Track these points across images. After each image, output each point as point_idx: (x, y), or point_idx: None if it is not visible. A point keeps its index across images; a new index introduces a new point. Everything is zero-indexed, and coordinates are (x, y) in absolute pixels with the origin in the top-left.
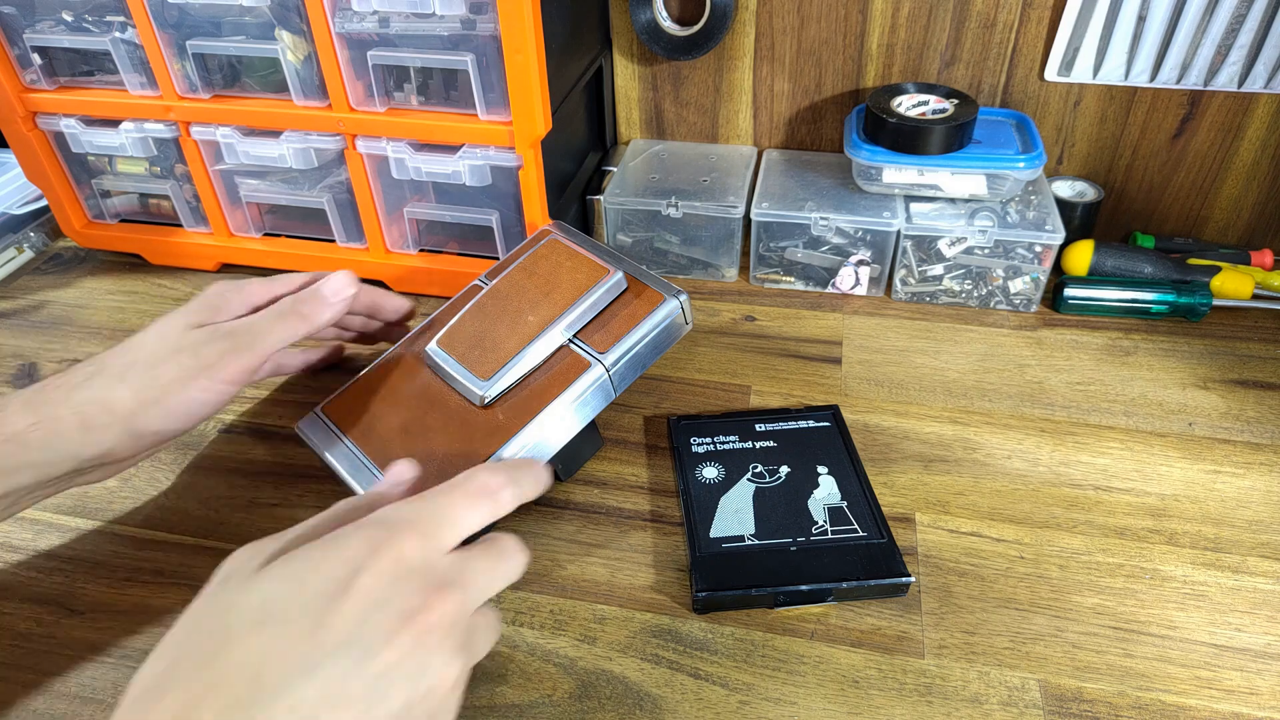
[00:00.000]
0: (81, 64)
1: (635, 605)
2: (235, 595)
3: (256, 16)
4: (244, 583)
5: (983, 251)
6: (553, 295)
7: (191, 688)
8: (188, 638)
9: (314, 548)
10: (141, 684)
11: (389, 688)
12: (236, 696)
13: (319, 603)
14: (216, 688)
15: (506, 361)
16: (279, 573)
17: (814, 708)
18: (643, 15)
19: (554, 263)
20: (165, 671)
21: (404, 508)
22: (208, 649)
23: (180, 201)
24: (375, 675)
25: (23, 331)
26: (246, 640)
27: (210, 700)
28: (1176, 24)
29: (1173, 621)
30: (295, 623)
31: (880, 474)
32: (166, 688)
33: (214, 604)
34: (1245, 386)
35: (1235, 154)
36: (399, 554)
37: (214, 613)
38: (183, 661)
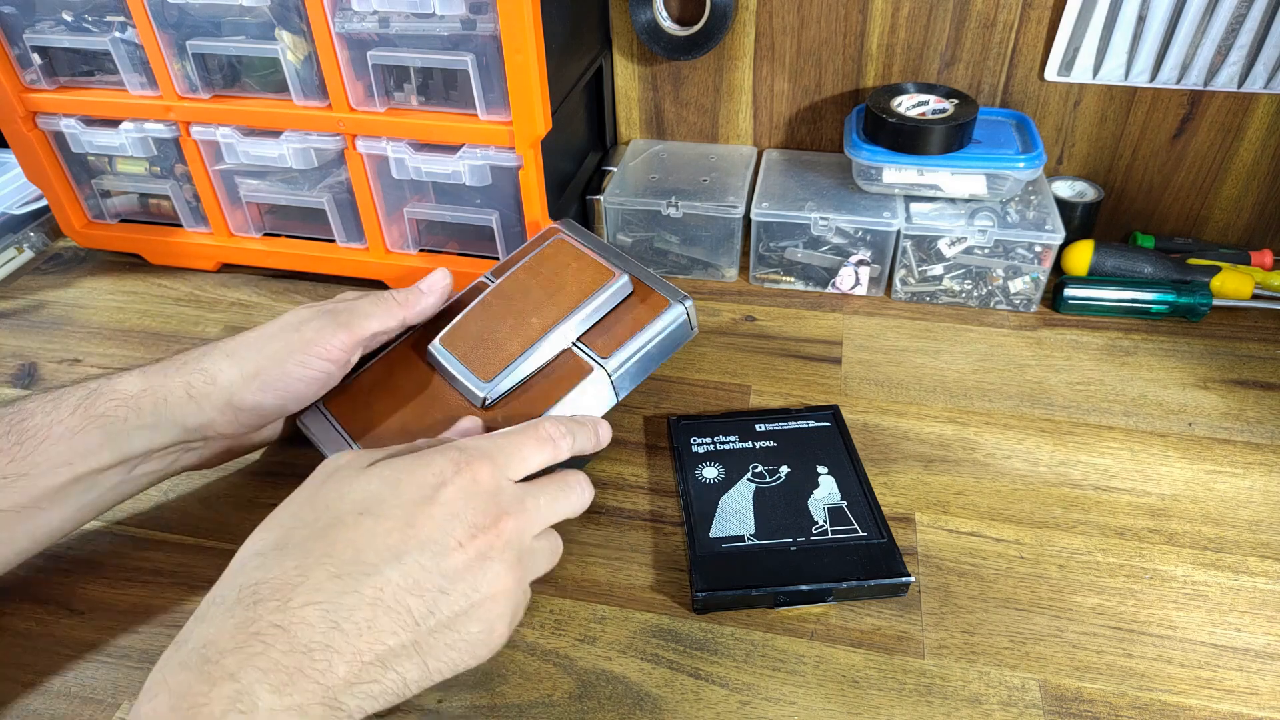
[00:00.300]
0: (81, 64)
1: (635, 605)
2: (344, 485)
3: (256, 16)
4: (351, 477)
5: (983, 251)
6: (557, 297)
7: (308, 552)
8: (301, 513)
9: (410, 459)
10: (256, 548)
11: (452, 585)
12: (341, 566)
13: (410, 504)
14: (328, 556)
15: (509, 364)
16: (381, 474)
17: (814, 708)
18: (643, 15)
19: (560, 263)
20: (281, 538)
21: (481, 441)
22: (320, 525)
23: (180, 201)
24: (444, 573)
25: (23, 331)
26: (351, 524)
27: (322, 565)
28: (1176, 24)
29: (1173, 621)
30: (391, 517)
31: (880, 474)
32: (286, 550)
33: (323, 490)
34: (1245, 386)
35: (1235, 154)
36: (475, 475)
37: (324, 497)
38: (298, 530)
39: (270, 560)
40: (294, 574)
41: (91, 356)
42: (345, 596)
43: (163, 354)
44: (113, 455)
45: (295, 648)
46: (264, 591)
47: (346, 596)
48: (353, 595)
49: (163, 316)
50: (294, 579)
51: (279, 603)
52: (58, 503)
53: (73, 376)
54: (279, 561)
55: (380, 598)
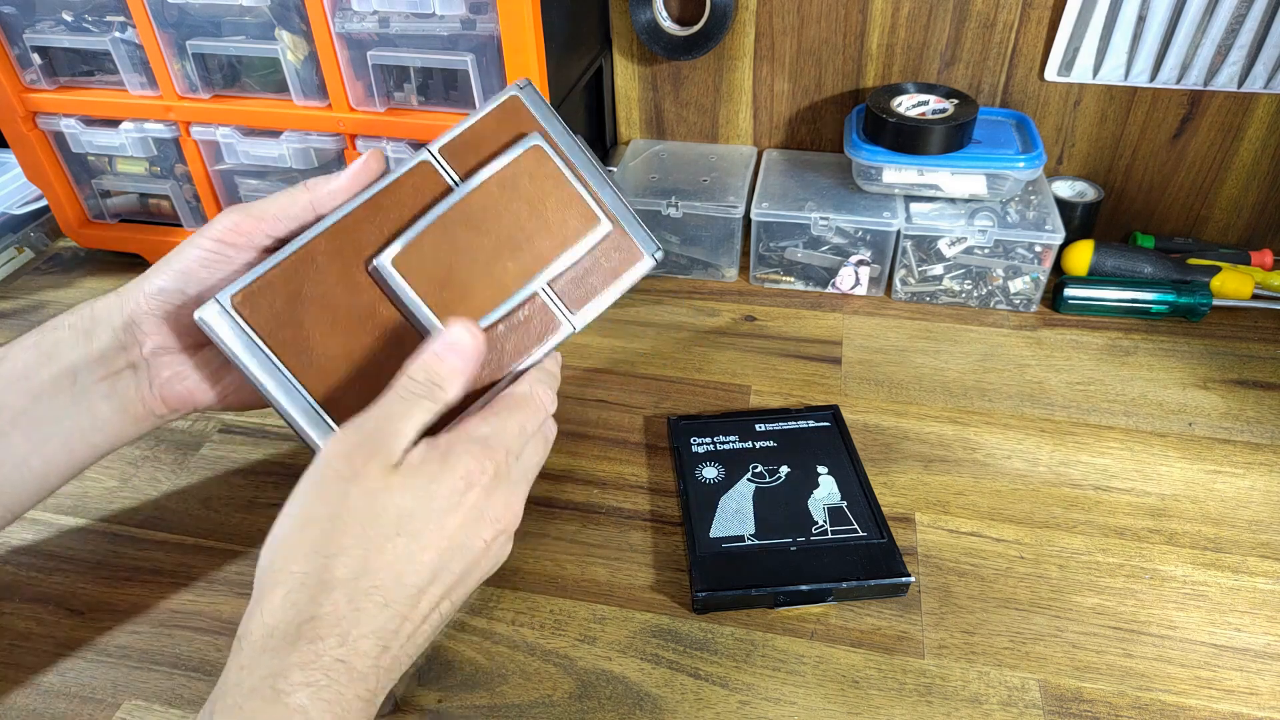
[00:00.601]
0: (81, 64)
1: (635, 605)
2: (375, 502)
3: (256, 16)
4: (379, 489)
5: (983, 251)
6: (535, 240)
7: (356, 586)
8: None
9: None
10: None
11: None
12: (388, 594)
13: (441, 516)
14: (374, 588)
15: (480, 318)
16: (410, 486)
17: (814, 708)
18: (643, 15)
19: (540, 189)
20: (322, 569)
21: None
22: (359, 553)
23: (180, 201)
24: (467, 568)
25: (23, 331)
26: (390, 549)
27: (370, 596)
28: (1176, 24)
29: (1173, 621)
30: (427, 535)
31: (880, 474)
32: (332, 586)
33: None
34: (1245, 386)
35: (1235, 154)
36: (497, 471)
37: (356, 517)
38: (340, 560)
39: (321, 594)
40: (346, 609)
41: None
42: (396, 623)
43: None
44: (53, 368)
45: (354, 677)
46: (322, 629)
47: (397, 623)
48: (401, 622)
49: None
50: (347, 614)
51: (338, 639)
52: (21, 426)
53: None
54: (329, 595)
55: (426, 615)
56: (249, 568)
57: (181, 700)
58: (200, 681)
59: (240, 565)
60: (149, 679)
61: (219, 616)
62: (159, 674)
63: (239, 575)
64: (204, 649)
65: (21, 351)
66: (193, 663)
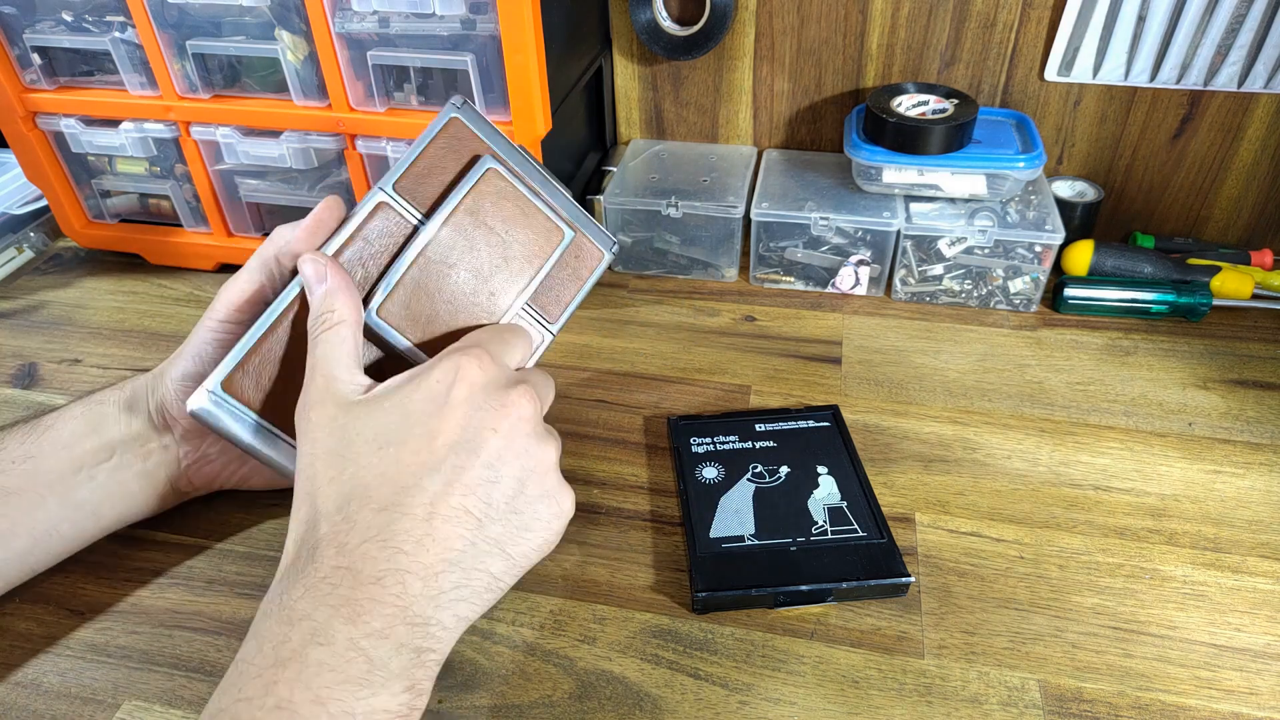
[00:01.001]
0: (81, 64)
1: (635, 605)
2: (352, 429)
3: (256, 16)
4: (355, 418)
5: (983, 251)
6: (509, 263)
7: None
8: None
9: (407, 377)
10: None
11: (501, 468)
12: (383, 499)
13: (426, 418)
14: (367, 497)
15: None
16: (383, 403)
17: (814, 708)
18: (643, 15)
19: (502, 211)
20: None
21: (466, 340)
22: (347, 476)
23: (180, 201)
24: (486, 463)
25: (23, 331)
26: (376, 461)
27: (364, 506)
28: (1176, 24)
29: (1173, 621)
30: (412, 437)
31: (880, 474)
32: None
33: (332, 443)
34: (1245, 386)
35: (1235, 154)
36: (479, 366)
37: (337, 448)
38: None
39: (318, 526)
40: (341, 523)
41: (91, 356)
42: (397, 522)
43: (163, 354)
44: (95, 441)
45: (362, 581)
46: (320, 547)
47: (398, 522)
48: (403, 519)
49: (163, 316)
50: (342, 527)
51: (336, 549)
52: (58, 491)
53: (73, 376)
54: (325, 521)
55: (433, 510)
56: (250, 568)
57: (182, 701)
58: (200, 682)
59: (241, 565)
60: (149, 679)
61: (219, 617)
62: (159, 674)
63: (239, 575)
64: (204, 649)
65: (68, 420)
66: (193, 663)
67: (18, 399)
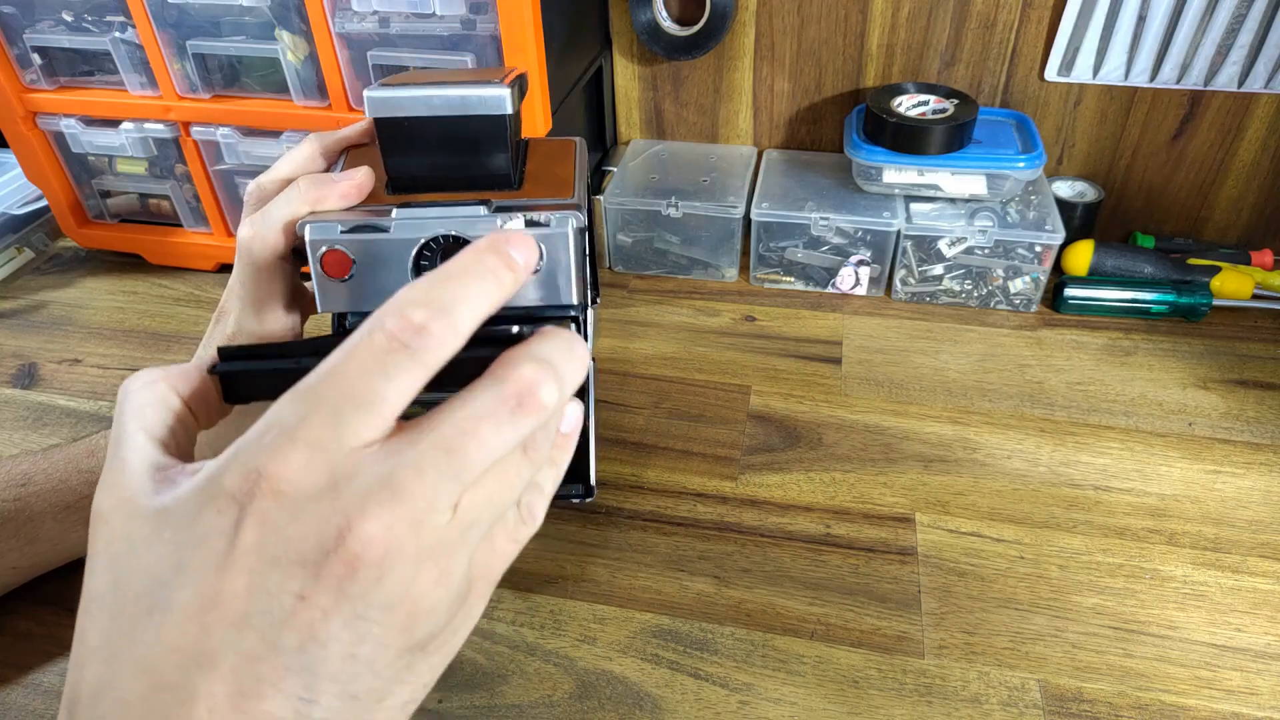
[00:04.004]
0: (81, 64)
1: (635, 605)
2: (124, 560)
3: (256, 16)
4: (131, 541)
5: (983, 251)
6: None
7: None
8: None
9: (193, 487)
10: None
11: (316, 654)
12: (140, 709)
13: (202, 573)
14: (120, 700)
15: None
16: (162, 528)
17: (814, 708)
18: (643, 15)
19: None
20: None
21: (282, 407)
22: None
23: (180, 201)
24: (295, 648)
25: (23, 331)
26: (139, 631)
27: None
28: (1176, 24)
29: (1173, 621)
30: (178, 606)
31: (880, 474)
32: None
33: (107, 571)
34: (1245, 386)
35: (1235, 154)
36: (279, 481)
37: (108, 587)
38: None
39: (68, 685)
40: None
41: (91, 356)
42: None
43: (163, 354)
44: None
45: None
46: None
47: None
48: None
49: (163, 316)
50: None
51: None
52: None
53: (73, 376)
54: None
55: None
56: None
57: None
58: None
59: None
60: None
61: None
62: None
63: None
64: None
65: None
66: None
67: (18, 399)
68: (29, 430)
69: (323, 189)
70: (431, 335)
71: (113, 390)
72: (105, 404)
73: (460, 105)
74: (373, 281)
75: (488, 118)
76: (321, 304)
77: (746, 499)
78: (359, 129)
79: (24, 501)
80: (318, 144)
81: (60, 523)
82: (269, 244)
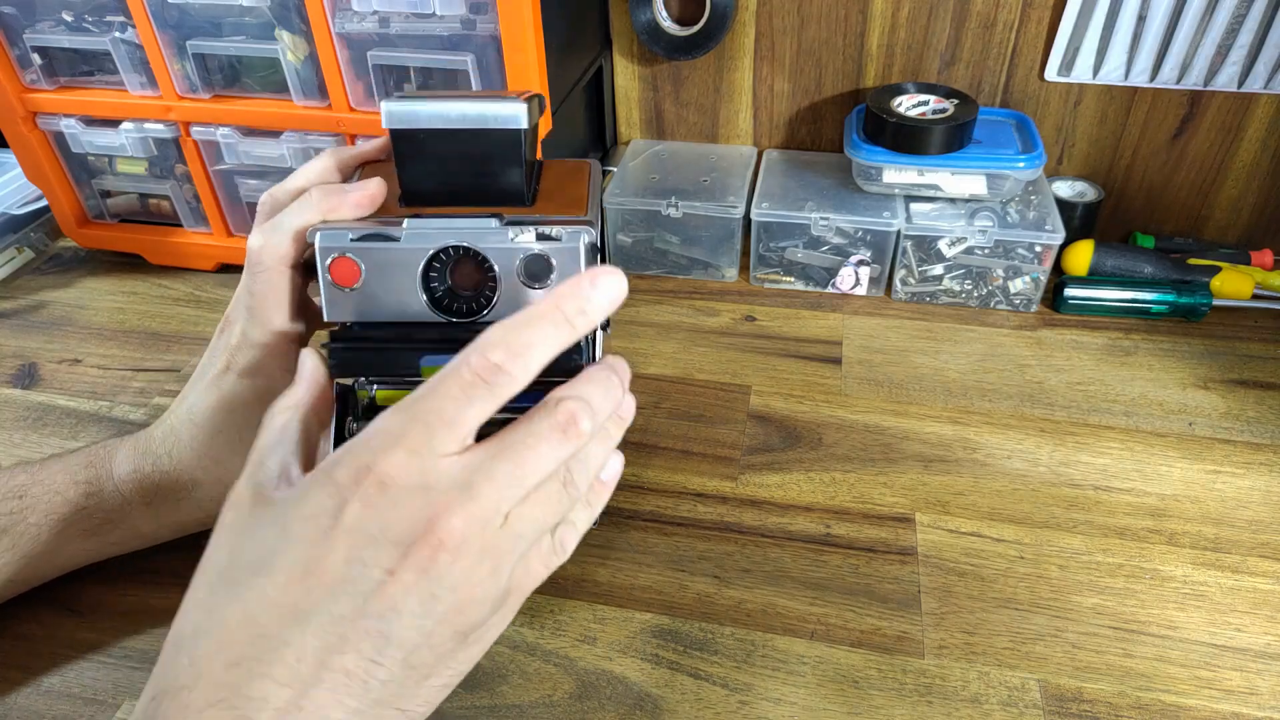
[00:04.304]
0: (81, 64)
1: (635, 605)
2: (236, 540)
3: (256, 16)
4: (243, 525)
5: (983, 251)
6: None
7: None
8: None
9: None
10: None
11: (394, 625)
12: (238, 650)
13: (305, 544)
14: (223, 642)
15: None
16: (272, 511)
17: (814, 708)
18: (643, 15)
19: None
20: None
21: (386, 419)
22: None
23: (180, 201)
24: (379, 614)
25: (23, 331)
26: (244, 591)
27: (218, 653)
28: (1176, 24)
29: (1173, 621)
30: (283, 570)
31: (880, 474)
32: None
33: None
34: (1245, 386)
35: (1235, 154)
36: (383, 475)
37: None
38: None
39: (168, 660)
40: (188, 673)
41: (91, 356)
42: (251, 685)
43: (163, 354)
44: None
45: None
46: (164, 704)
47: (253, 684)
48: (260, 680)
49: (163, 316)
50: (188, 680)
51: (179, 710)
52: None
53: (73, 376)
54: (174, 659)
55: (298, 673)
56: None
57: None
58: None
59: None
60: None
61: None
62: None
63: None
64: None
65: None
66: None
67: (18, 399)
68: (29, 430)
69: (335, 198)
70: (505, 374)
71: (113, 390)
72: (105, 404)
73: (476, 119)
74: (381, 291)
75: (503, 132)
76: (328, 312)
77: (746, 499)
78: (375, 146)
79: (19, 515)
80: (333, 159)
81: (55, 535)
82: (279, 252)
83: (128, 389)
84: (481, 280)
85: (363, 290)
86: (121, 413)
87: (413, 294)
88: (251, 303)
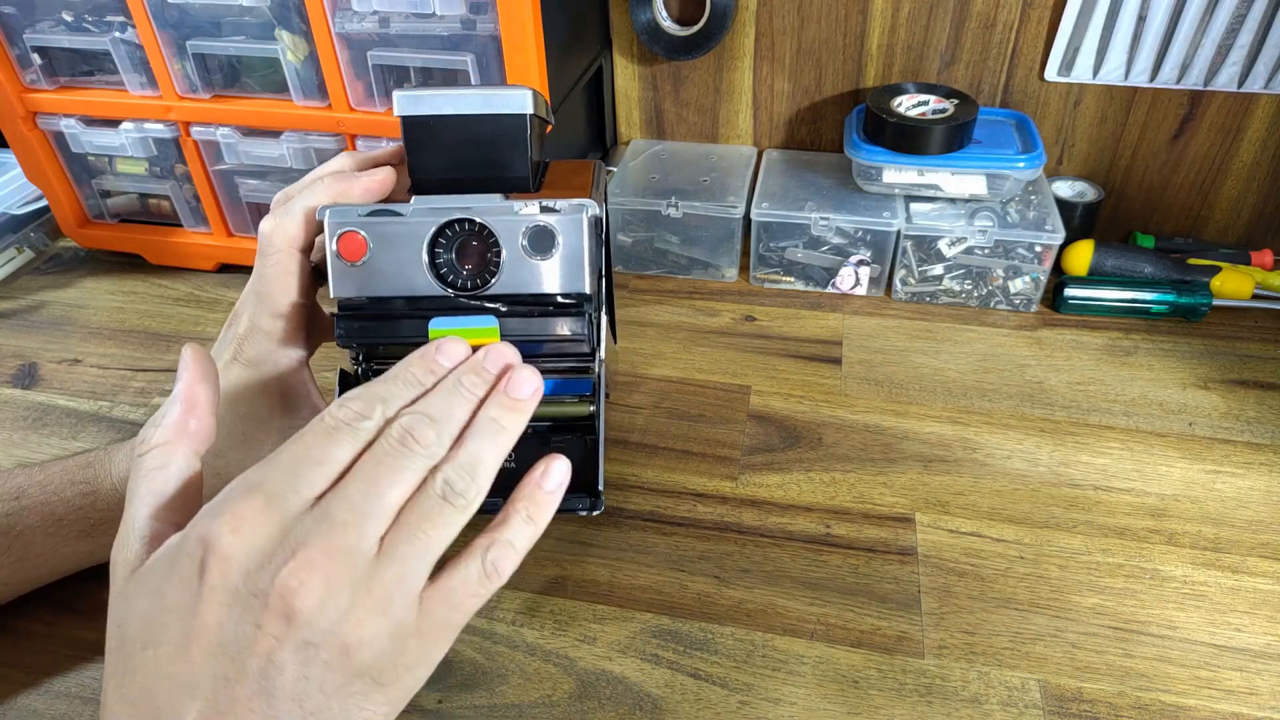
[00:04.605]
0: (81, 64)
1: (635, 605)
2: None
3: (256, 16)
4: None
5: (983, 251)
6: None
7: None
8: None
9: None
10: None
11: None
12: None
13: (180, 614)
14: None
15: None
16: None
17: (814, 708)
18: (643, 15)
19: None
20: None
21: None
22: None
23: (180, 201)
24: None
25: (23, 331)
26: (138, 665)
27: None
28: (1176, 24)
29: (1173, 621)
30: (165, 641)
31: (880, 474)
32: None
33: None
34: (1245, 386)
35: (1235, 154)
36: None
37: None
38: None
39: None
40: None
41: (91, 356)
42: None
43: (163, 354)
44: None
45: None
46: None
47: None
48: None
49: (163, 316)
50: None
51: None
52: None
53: (73, 376)
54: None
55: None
56: None
57: None
58: None
59: None
60: None
61: None
62: None
63: None
64: None
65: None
66: None
67: (18, 399)
68: (29, 430)
69: (345, 183)
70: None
71: (113, 390)
72: (105, 404)
73: (483, 104)
74: (387, 266)
75: (509, 116)
76: (334, 288)
77: (746, 499)
78: (389, 150)
79: (16, 517)
80: (349, 160)
81: (51, 537)
82: (289, 233)
83: (128, 389)
84: (486, 254)
85: (369, 265)
86: (121, 413)
87: (418, 268)
88: (261, 287)
